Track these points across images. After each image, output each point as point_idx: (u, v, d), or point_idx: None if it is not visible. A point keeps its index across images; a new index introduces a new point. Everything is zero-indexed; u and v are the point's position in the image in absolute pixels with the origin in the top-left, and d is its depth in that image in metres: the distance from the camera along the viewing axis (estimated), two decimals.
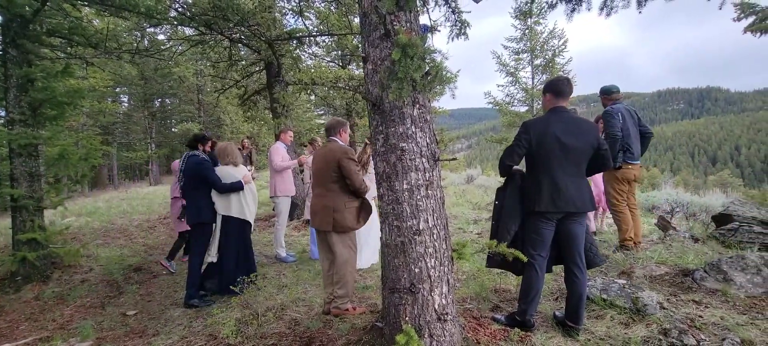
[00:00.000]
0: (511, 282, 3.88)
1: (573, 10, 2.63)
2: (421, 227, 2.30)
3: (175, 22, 6.52)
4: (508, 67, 13.97)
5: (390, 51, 1.98)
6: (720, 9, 2.44)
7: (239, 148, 8.25)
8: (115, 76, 17.80)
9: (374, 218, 4.52)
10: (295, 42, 8.30)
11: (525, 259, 2.55)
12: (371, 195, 4.27)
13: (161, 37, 12.78)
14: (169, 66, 15.30)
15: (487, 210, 9.17)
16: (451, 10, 2.85)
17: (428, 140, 2.28)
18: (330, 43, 11.49)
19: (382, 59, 2.15)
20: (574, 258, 2.70)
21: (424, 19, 2.72)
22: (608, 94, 4.46)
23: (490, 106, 15.17)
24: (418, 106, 2.22)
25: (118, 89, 25.18)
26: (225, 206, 4.06)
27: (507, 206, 2.80)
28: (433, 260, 2.36)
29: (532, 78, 13.71)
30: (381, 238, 2.59)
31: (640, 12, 2.48)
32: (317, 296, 3.89)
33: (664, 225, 5.25)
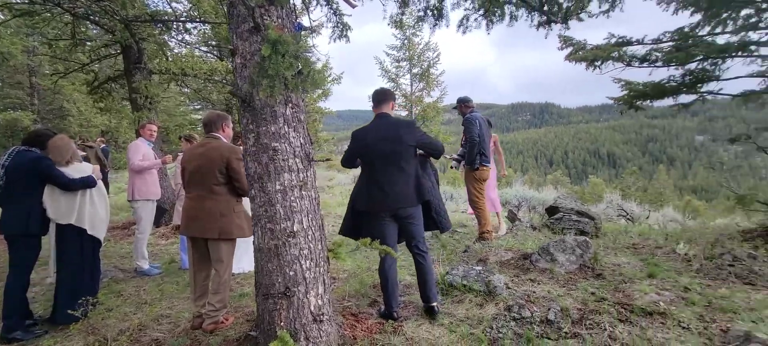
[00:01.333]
0: None
1: (435, 25, 2.93)
2: (295, 229, 2.27)
3: None
4: (389, 73, 14.82)
5: (260, 46, 1.89)
6: (545, 38, 3.05)
7: (88, 146, 6.88)
8: None
9: None
10: (159, 26, 7.32)
11: (395, 254, 2.72)
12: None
13: None
14: None
15: None
16: (332, 11, 2.88)
17: (302, 140, 2.25)
18: (204, 31, 10.46)
19: (252, 54, 2.05)
20: (412, 249, 3.06)
21: (306, 20, 2.69)
22: (467, 102, 5.10)
23: None
24: (291, 105, 2.17)
25: None
26: (65, 212, 3.33)
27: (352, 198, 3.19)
28: (308, 262, 2.34)
29: (411, 85, 14.82)
30: (254, 242, 2.47)
31: (488, 33, 2.89)
32: (185, 311, 3.51)
33: (512, 217, 6.22)
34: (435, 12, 2.87)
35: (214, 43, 10.86)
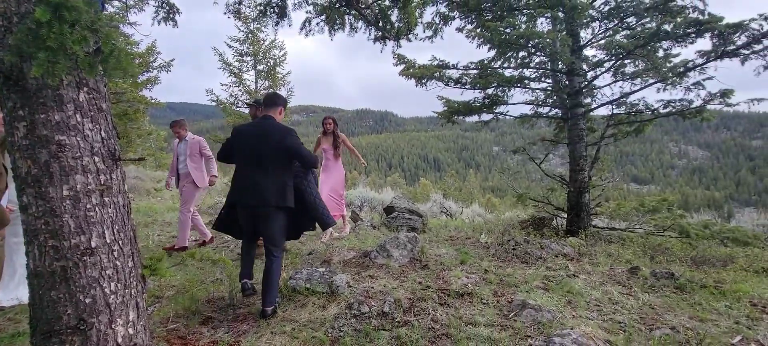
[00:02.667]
0: (227, 289, 3.73)
1: (277, 23, 2.82)
2: (93, 245, 1.80)
3: None
4: (232, 67, 13.55)
5: (33, 6, 1.42)
6: (381, 52, 3.33)
7: None
8: None
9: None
10: None
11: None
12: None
13: None
14: None
15: (209, 214, 8.60)
16: None
17: (104, 134, 1.80)
18: None
19: (21, 15, 1.52)
20: (265, 248, 3.14)
21: None
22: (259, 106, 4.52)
23: (213, 103, 14.26)
24: (86, 89, 1.71)
25: None
26: None
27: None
28: (113, 284, 1.90)
29: (256, 82, 13.93)
30: (28, 265, 1.86)
31: (331, 39, 2.96)
32: None
33: (355, 217, 6.54)
34: (277, 9, 2.76)
35: None
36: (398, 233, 4.67)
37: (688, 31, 4.62)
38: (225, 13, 2.92)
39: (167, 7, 2.88)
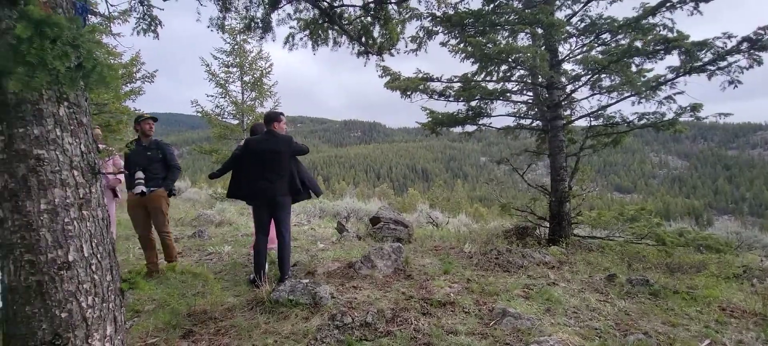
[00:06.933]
0: (209, 302, 3.69)
1: (262, 38, 2.87)
2: (71, 259, 1.80)
3: None
4: (218, 78, 13.47)
5: (14, 22, 1.44)
6: (365, 66, 3.42)
7: None
8: None
9: None
10: None
11: None
12: None
13: None
14: None
15: (192, 226, 8.47)
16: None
17: (83, 148, 1.81)
18: None
19: (1, 30, 1.53)
20: (278, 230, 4.10)
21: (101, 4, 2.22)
22: None
23: (199, 114, 14.12)
24: (66, 104, 1.73)
25: None
26: None
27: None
28: (90, 298, 1.89)
29: (242, 93, 13.88)
30: (3, 280, 1.84)
31: (314, 53, 3.02)
32: None
33: (340, 228, 6.55)
34: (261, 24, 2.81)
35: None
36: (383, 244, 4.70)
37: (658, 48, 4.84)
38: (209, 27, 2.96)
39: (149, 19, 2.90)
